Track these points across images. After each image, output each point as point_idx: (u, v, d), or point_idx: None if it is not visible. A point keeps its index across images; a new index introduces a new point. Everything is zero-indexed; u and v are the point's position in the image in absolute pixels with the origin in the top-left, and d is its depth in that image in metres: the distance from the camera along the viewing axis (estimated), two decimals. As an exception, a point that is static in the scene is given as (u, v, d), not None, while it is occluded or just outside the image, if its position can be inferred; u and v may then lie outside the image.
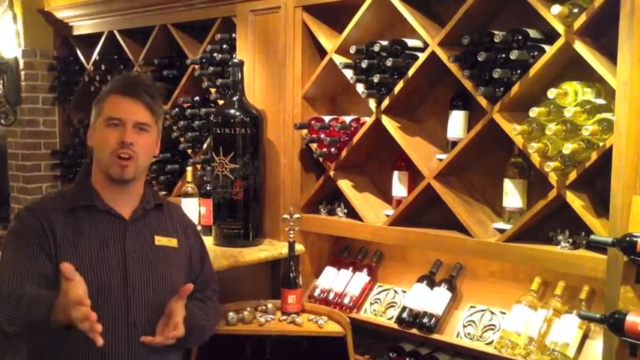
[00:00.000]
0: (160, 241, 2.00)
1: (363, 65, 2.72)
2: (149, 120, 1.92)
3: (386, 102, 2.75)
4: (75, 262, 1.81)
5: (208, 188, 3.22)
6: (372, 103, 2.81)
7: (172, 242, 2.03)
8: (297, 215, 2.83)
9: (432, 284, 2.73)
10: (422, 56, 2.62)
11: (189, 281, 2.04)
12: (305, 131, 3.04)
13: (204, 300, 2.12)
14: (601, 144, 2.16)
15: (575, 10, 2.19)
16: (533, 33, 2.39)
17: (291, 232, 2.78)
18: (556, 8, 2.17)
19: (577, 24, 2.18)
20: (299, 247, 3.01)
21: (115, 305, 1.86)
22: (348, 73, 2.84)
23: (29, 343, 1.91)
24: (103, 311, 1.76)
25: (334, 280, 3.02)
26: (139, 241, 1.96)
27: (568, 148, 2.15)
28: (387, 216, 2.85)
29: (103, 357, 1.84)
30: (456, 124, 2.65)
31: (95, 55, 4.21)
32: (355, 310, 2.89)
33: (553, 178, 2.29)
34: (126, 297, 1.88)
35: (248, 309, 2.66)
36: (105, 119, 1.89)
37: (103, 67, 4.15)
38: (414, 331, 2.66)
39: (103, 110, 1.91)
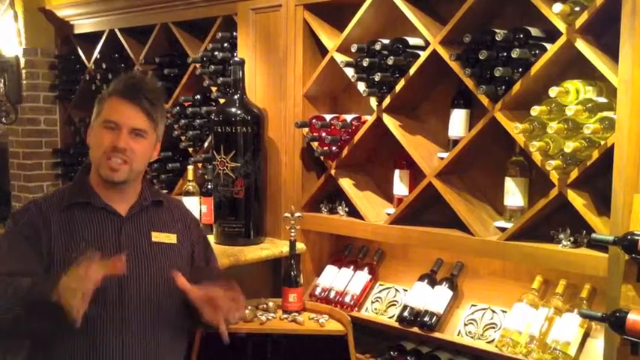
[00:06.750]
0: (158, 237, 1.99)
1: (365, 64, 2.72)
2: (146, 126, 1.90)
3: (387, 100, 2.75)
4: (70, 257, 1.82)
5: (209, 187, 3.22)
6: (373, 102, 2.81)
7: (170, 238, 2.01)
8: (298, 214, 2.83)
9: (433, 283, 2.73)
10: (423, 55, 2.62)
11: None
12: (306, 130, 3.04)
13: None
14: (602, 142, 2.16)
15: (577, 9, 2.18)
16: (534, 31, 2.39)
17: (292, 230, 2.78)
18: (557, 6, 2.17)
19: (579, 22, 2.18)
20: (300, 246, 3.01)
21: (109, 300, 1.85)
22: (350, 72, 2.84)
23: (25, 336, 1.89)
24: (97, 306, 1.76)
25: (335, 278, 3.02)
26: (135, 237, 1.95)
27: (569, 146, 2.15)
28: (388, 215, 2.85)
29: (97, 354, 1.84)
30: (457, 123, 2.64)
31: (96, 54, 4.21)
32: (356, 309, 2.89)
33: (554, 176, 2.29)
34: (120, 292, 1.87)
35: (249, 307, 2.66)
36: (102, 120, 1.89)
37: (104, 66, 4.16)
38: (415, 329, 2.65)
39: (102, 111, 1.91)
